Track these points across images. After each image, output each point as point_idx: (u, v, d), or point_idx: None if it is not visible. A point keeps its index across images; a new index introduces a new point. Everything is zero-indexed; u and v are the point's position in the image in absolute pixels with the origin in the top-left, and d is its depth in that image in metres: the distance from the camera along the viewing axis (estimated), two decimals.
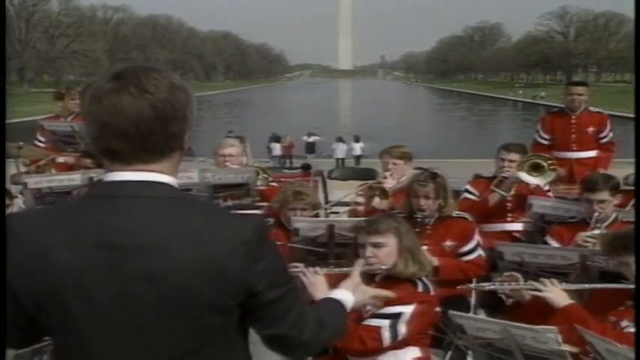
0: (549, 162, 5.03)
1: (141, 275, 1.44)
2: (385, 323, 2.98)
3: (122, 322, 1.46)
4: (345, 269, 3.27)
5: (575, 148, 6.67)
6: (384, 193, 4.75)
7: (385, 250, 3.11)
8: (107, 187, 1.52)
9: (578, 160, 6.61)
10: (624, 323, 2.81)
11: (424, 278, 3.16)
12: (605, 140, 6.73)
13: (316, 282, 3.07)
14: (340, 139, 24.73)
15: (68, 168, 5.72)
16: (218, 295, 1.47)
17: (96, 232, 1.45)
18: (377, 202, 4.70)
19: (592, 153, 6.70)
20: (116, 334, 1.47)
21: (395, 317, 2.98)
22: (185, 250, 1.44)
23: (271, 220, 4.22)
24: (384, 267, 3.11)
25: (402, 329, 2.97)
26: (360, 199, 4.86)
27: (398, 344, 3.04)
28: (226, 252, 1.46)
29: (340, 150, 23.90)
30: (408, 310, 2.99)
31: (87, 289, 1.45)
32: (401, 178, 4.91)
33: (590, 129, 6.69)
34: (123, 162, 1.50)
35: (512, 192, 5.04)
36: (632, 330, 2.70)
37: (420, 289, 3.11)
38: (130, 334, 1.47)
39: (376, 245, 3.12)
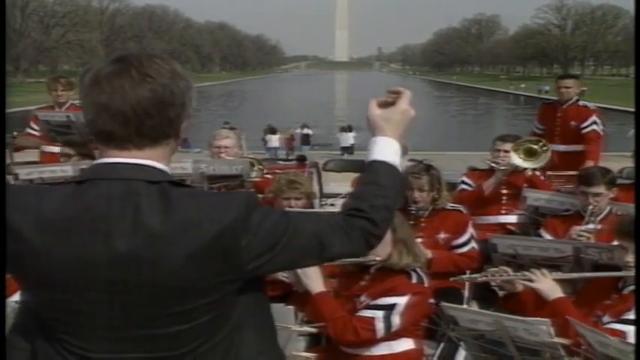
0: (541, 144, 5.09)
1: (128, 258, 1.43)
2: (379, 314, 2.97)
3: (113, 307, 1.46)
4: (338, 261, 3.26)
5: (557, 141, 6.67)
6: None
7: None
8: (97, 170, 1.52)
9: (559, 152, 6.52)
10: (606, 319, 2.83)
11: (418, 270, 3.16)
12: (585, 130, 6.69)
13: (310, 272, 3.07)
14: (343, 129, 25.06)
15: (56, 158, 5.70)
16: (211, 275, 1.47)
17: (83, 215, 1.44)
18: None
19: (575, 147, 6.70)
20: (108, 318, 1.47)
21: (389, 308, 2.98)
22: (175, 234, 1.43)
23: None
24: (378, 258, 3.11)
25: (396, 320, 2.97)
26: None
27: (392, 335, 3.03)
28: (213, 231, 1.44)
29: (344, 139, 24.20)
30: (402, 301, 2.99)
31: (77, 275, 1.44)
32: None
33: (573, 123, 6.73)
34: (117, 146, 1.50)
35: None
36: (613, 326, 2.72)
37: (415, 280, 3.10)
38: (121, 318, 1.47)
39: None
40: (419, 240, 4.13)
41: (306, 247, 1.58)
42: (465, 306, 3.83)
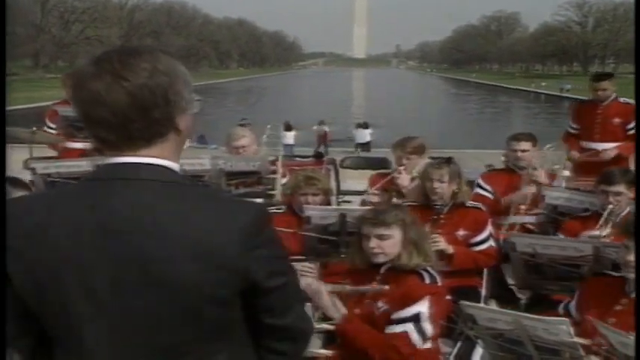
0: None
1: (136, 260, 1.40)
2: (410, 327, 2.94)
3: (118, 307, 1.43)
4: (354, 289, 3.19)
5: (598, 138, 6.49)
6: (399, 193, 4.74)
7: (390, 242, 3.08)
8: (103, 170, 1.49)
9: (598, 151, 6.37)
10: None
11: (429, 269, 3.13)
12: (632, 132, 6.43)
13: (324, 303, 3.04)
14: (359, 125, 25.20)
15: (80, 155, 5.70)
16: (213, 283, 1.43)
17: (92, 215, 1.42)
18: (395, 202, 4.67)
19: (615, 145, 6.44)
20: (113, 319, 1.44)
21: (416, 319, 2.95)
22: (181, 236, 1.40)
23: (283, 207, 4.20)
24: (385, 258, 3.09)
25: (427, 327, 2.94)
26: (375, 199, 4.81)
27: None
28: (223, 238, 1.42)
29: (360, 135, 24.31)
30: (424, 308, 2.96)
31: (84, 274, 1.42)
32: (415, 169, 4.84)
33: (616, 120, 6.48)
34: (114, 149, 1.47)
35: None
36: None
37: (428, 280, 3.07)
38: (126, 319, 1.44)
39: (381, 237, 3.09)
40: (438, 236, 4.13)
41: (298, 299, 1.62)
42: (483, 304, 3.81)
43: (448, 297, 3.20)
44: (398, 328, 2.96)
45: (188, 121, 1.52)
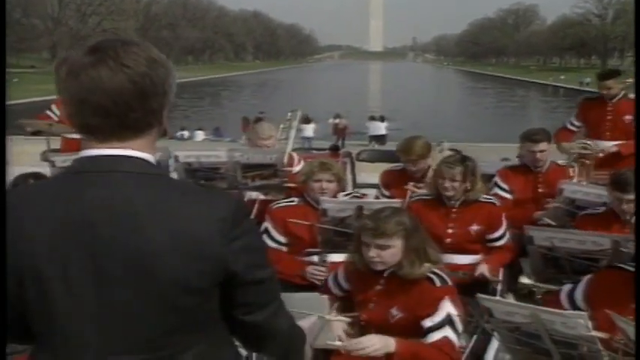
0: None
1: (113, 252, 1.40)
2: (448, 331, 2.92)
3: (99, 302, 1.42)
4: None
5: (608, 137, 6.22)
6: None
7: (390, 252, 3.01)
8: (83, 163, 1.48)
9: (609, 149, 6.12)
10: None
11: (437, 271, 3.07)
12: None
13: (368, 341, 2.99)
14: (373, 118, 25.37)
15: (79, 145, 5.71)
16: (193, 274, 1.42)
17: (69, 208, 1.41)
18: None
19: (621, 142, 6.16)
20: (93, 313, 1.43)
21: (449, 322, 2.93)
22: (159, 227, 1.40)
23: (295, 200, 4.19)
24: (385, 267, 3.05)
25: (459, 326, 2.94)
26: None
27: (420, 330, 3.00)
28: (201, 229, 1.42)
29: (374, 128, 24.40)
30: (450, 308, 2.94)
31: (61, 267, 1.41)
32: (430, 168, 4.79)
33: (627, 117, 6.19)
34: (98, 139, 1.45)
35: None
36: None
37: (439, 283, 3.02)
38: (107, 313, 1.43)
39: (381, 247, 3.02)
40: (450, 231, 4.11)
41: (276, 295, 1.60)
42: (499, 298, 3.79)
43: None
44: (437, 335, 2.92)
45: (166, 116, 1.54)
